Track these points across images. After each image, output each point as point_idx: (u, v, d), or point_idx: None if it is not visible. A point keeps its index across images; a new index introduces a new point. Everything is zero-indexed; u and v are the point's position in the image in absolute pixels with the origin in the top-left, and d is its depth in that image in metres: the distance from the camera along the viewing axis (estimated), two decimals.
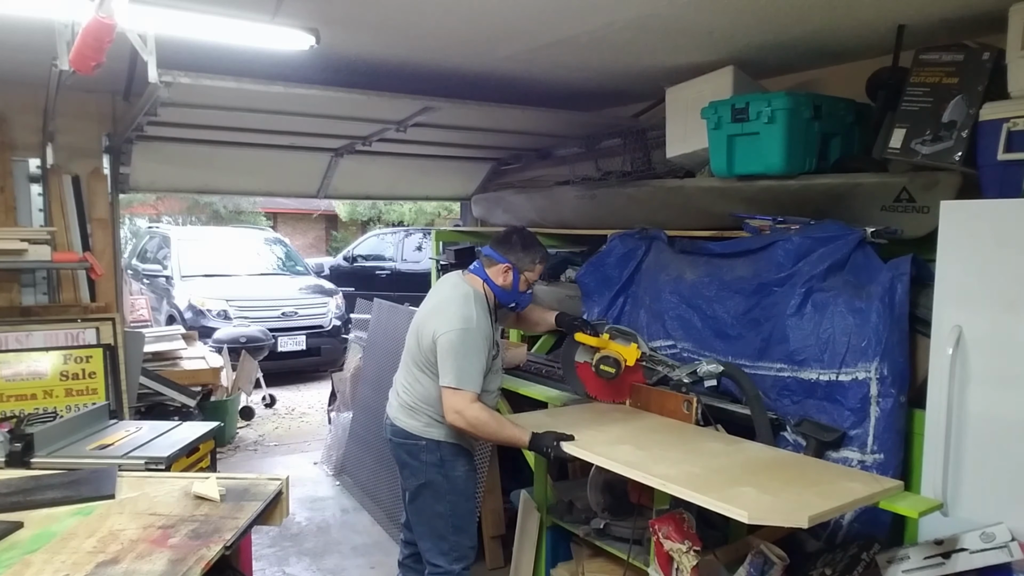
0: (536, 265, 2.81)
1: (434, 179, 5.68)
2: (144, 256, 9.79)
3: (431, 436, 2.71)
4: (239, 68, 3.15)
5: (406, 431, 2.73)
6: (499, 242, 2.80)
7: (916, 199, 2.65)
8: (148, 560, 1.69)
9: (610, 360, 2.83)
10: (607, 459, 2.35)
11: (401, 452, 2.77)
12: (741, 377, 2.70)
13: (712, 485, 2.08)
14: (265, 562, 3.86)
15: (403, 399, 2.77)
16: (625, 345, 2.86)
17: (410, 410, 2.74)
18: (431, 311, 2.73)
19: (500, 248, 2.78)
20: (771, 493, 2.02)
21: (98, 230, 4.27)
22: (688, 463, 2.27)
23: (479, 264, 2.83)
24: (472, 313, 2.63)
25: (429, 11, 2.63)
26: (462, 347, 2.57)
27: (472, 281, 2.79)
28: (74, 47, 2.08)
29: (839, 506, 1.98)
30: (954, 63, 2.59)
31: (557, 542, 3.23)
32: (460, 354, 2.56)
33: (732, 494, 2.01)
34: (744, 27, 2.81)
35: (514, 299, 2.83)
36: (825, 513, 1.93)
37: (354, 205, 17.74)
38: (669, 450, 2.41)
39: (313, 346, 8.27)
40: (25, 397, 3.77)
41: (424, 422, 2.71)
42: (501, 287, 2.78)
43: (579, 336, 2.94)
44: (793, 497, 1.99)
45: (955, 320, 2.22)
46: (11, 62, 3.50)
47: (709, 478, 2.15)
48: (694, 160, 3.45)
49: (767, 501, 1.98)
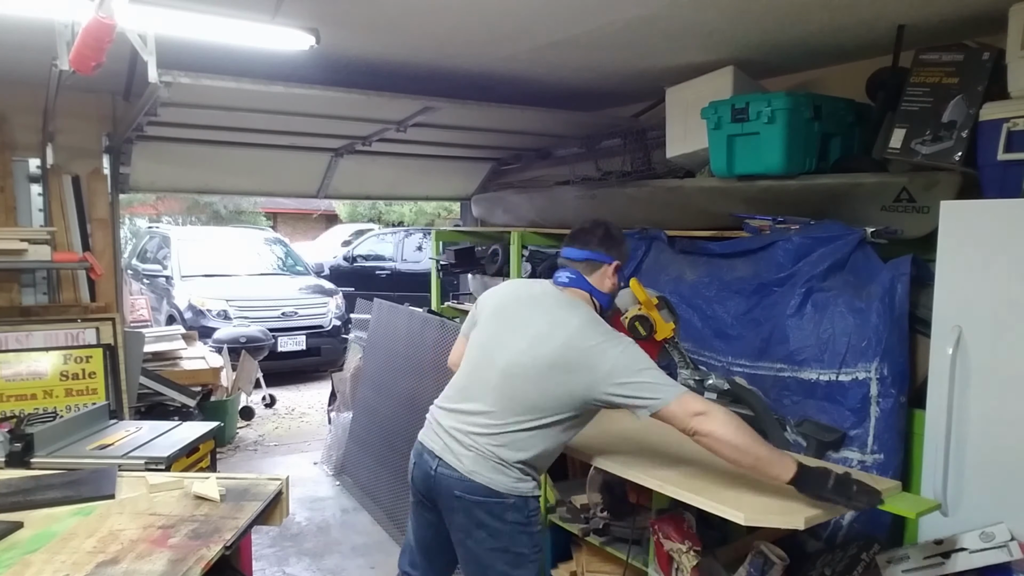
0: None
1: (434, 179, 5.68)
2: (144, 256, 9.79)
3: (520, 492, 2.15)
4: (239, 68, 3.15)
5: (489, 488, 2.12)
6: (602, 240, 2.30)
7: (916, 199, 2.65)
8: (148, 560, 1.69)
9: (647, 323, 2.66)
10: (603, 458, 2.33)
11: (479, 512, 2.14)
12: (748, 397, 2.66)
13: (709, 486, 2.08)
14: (265, 562, 3.86)
15: (486, 450, 2.14)
16: (664, 320, 2.72)
17: (498, 463, 2.13)
18: (562, 341, 2.10)
19: (605, 246, 2.30)
20: (768, 494, 2.02)
21: (98, 230, 4.27)
22: (686, 463, 2.27)
23: (576, 274, 2.28)
24: (610, 329, 2.14)
25: (429, 11, 2.63)
26: (637, 357, 2.05)
27: (579, 297, 2.26)
28: (74, 47, 2.08)
29: (836, 508, 1.98)
30: (954, 63, 2.59)
31: (557, 542, 3.24)
32: (644, 364, 2.04)
33: (729, 495, 2.01)
34: (744, 27, 2.81)
35: (612, 303, 2.39)
36: (821, 515, 1.93)
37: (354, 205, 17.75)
38: (668, 449, 2.41)
39: (313, 346, 8.27)
40: (25, 397, 3.77)
41: (515, 477, 2.14)
42: (609, 292, 2.30)
43: (634, 282, 2.67)
44: (790, 498, 1.99)
45: (955, 320, 2.22)
46: (11, 62, 3.50)
47: (707, 478, 2.14)
48: (694, 160, 3.45)
49: (763, 502, 1.98)
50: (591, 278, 2.28)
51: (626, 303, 2.82)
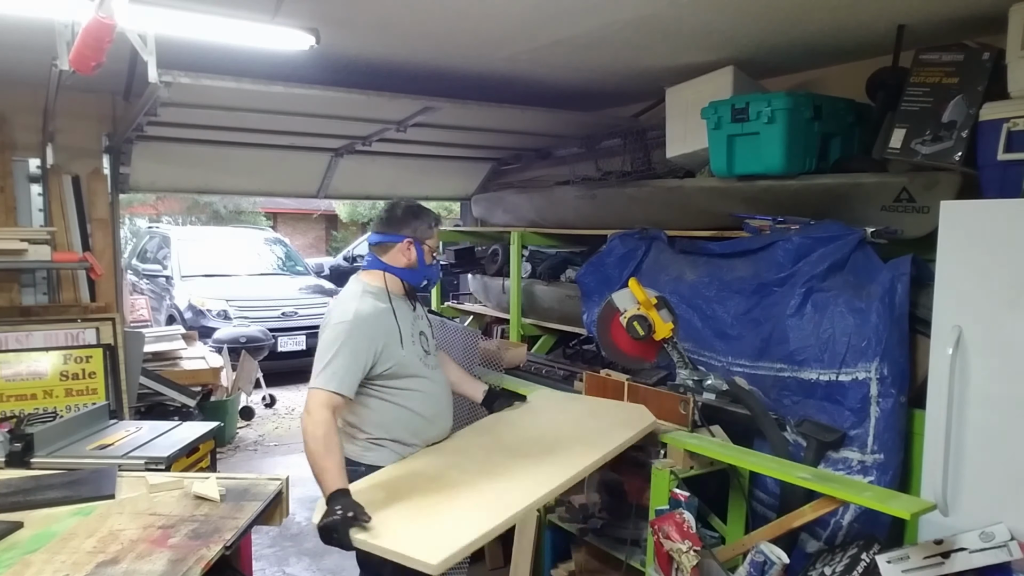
0: (433, 229, 2.54)
1: (434, 179, 5.68)
2: (144, 256, 9.79)
3: (370, 462, 2.38)
4: (239, 68, 3.15)
5: (346, 457, 2.28)
6: (387, 222, 2.51)
7: (916, 199, 2.65)
8: (148, 560, 1.70)
9: (646, 323, 2.73)
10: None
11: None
12: (747, 398, 2.66)
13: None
14: (265, 562, 3.86)
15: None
16: (664, 320, 2.77)
17: (346, 433, 2.43)
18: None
19: (391, 227, 2.49)
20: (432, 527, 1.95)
21: (98, 230, 4.27)
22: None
23: (372, 256, 2.54)
24: (355, 307, 2.36)
25: (429, 11, 2.64)
26: (333, 342, 2.31)
27: (368, 277, 2.51)
28: (74, 47, 2.08)
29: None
30: (954, 63, 2.59)
31: (556, 542, 3.24)
32: (327, 350, 2.30)
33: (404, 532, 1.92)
34: (744, 27, 2.81)
35: (424, 275, 2.55)
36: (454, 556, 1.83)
37: (354, 205, 17.74)
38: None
39: (313, 346, 8.15)
40: (25, 397, 3.77)
41: (362, 446, 2.42)
42: (407, 267, 2.49)
43: (633, 282, 2.79)
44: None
45: (955, 320, 2.22)
46: (11, 62, 3.50)
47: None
48: (694, 160, 3.45)
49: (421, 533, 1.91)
50: (384, 257, 2.50)
51: (625, 303, 2.82)
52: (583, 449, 2.42)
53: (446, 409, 2.61)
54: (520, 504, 2.08)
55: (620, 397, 3.00)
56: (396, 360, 2.41)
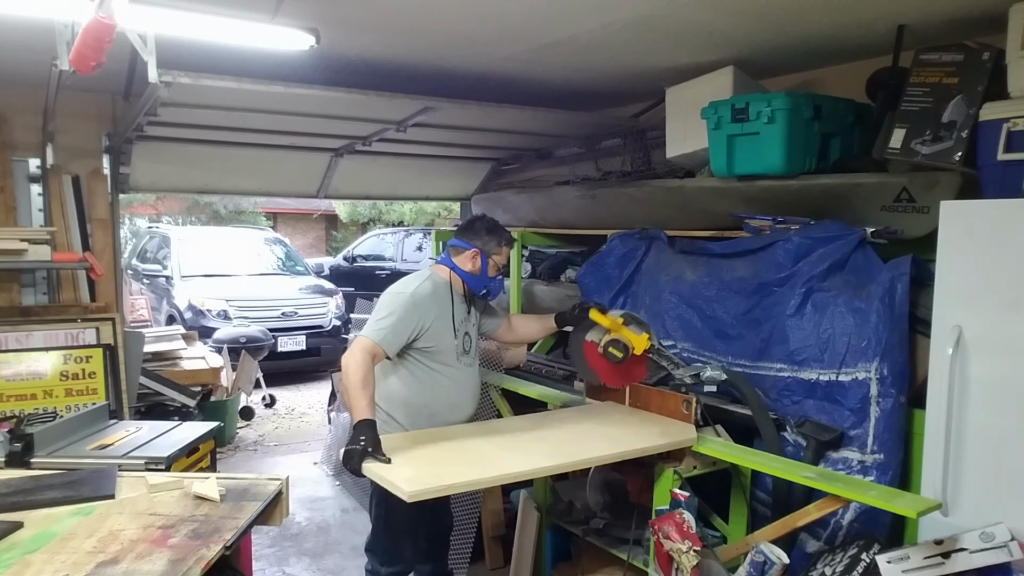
0: (503, 248, 2.83)
1: (434, 179, 5.68)
2: (144, 256, 9.79)
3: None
4: (239, 68, 3.15)
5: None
6: (464, 230, 2.85)
7: (916, 199, 2.65)
8: (148, 560, 1.69)
9: (620, 344, 2.73)
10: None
11: None
12: (744, 387, 2.67)
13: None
14: (265, 562, 3.86)
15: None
16: (637, 333, 2.75)
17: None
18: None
19: (465, 235, 2.82)
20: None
21: (98, 230, 4.27)
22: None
23: (446, 255, 2.86)
24: (415, 286, 2.69)
25: (429, 11, 2.64)
26: (387, 306, 2.62)
27: (437, 270, 2.84)
28: (74, 47, 2.08)
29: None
30: (954, 63, 2.59)
31: (557, 542, 3.24)
32: (380, 311, 2.62)
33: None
34: (744, 27, 2.81)
35: (484, 284, 2.86)
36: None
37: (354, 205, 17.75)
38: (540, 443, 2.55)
39: (313, 346, 8.27)
40: (25, 397, 3.77)
41: (381, 419, 2.59)
42: (470, 273, 2.80)
43: (594, 313, 2.79)
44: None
45: (955, 320, 2.22)
46: (11, 62, 3.50)
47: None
48: (694, 160, 3.45)
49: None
50: (455, 259, 2.83)
51: (595, 335, 2.83)
52: (605, 445, 2.51)
53: (467, 403, 2.86)
54: (514, 469, 2.29)
55: (622, 400, 3.01)
56: (437, 342, 2.71)
